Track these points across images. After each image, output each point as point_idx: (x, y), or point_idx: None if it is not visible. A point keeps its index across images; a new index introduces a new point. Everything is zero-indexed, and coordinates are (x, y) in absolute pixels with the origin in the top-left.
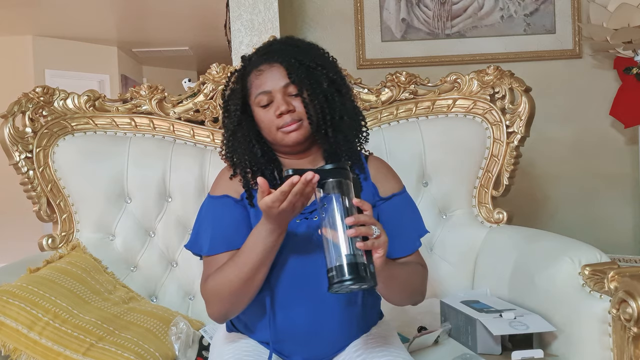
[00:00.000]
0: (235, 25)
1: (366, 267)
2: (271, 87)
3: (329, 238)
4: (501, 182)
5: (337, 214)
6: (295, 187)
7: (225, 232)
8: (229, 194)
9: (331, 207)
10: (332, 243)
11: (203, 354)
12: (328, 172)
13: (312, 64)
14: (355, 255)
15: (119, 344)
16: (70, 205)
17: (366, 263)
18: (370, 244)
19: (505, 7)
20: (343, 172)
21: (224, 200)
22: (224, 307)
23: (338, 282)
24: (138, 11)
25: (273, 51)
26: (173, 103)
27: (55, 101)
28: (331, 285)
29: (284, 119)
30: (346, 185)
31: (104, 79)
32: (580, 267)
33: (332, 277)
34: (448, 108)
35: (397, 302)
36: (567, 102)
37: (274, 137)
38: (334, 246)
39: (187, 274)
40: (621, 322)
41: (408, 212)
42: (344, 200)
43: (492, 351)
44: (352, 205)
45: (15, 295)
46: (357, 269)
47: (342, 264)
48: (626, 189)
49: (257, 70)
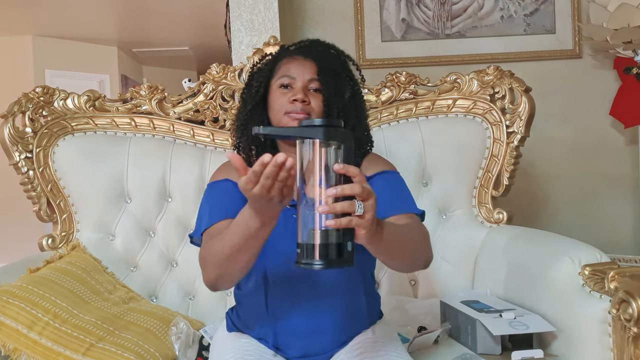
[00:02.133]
0: (235, 25)
1: (342, 247)
2: (297, 75)
3: (302, 204)
4: (501, 182)
5: (316, 174)
6: (267, 169)
7: (223, 204)
8: (229, 178)
9: (309, 164)
10: (305, 212)
11: (203, 354)
12: (316, 127)
13: (343, 73)
14: (329, 234)
15: (119, 344)
16: (70, 205)
17: (342, 242)
18: (346, 222)
19: (505, 7)
20: (336, 130)
21: (224, 183)
22: (211, 276)
23: (306, 263)
24: (138, 11)
25: (312, 48)
26: (173, 103)
27: (55, 101)
28: (298, 263)
29: (296, 105)
30: (335, 143)
31: (104, 79)
32: (580, 267)
33: (300, 255)
34: (448, 108)
35: (397, 268)
36: (567, 102)
37: (279, 121)
38: (306, 216)
39: (187, 274)
40: (621, 322)
41: (397, 187)
42: (326, 157)
43: (492, 351)
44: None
45: (15, 295)
46: (328, 252)
47: (313, 243)
48: (626, 189)
49: (291, 57)
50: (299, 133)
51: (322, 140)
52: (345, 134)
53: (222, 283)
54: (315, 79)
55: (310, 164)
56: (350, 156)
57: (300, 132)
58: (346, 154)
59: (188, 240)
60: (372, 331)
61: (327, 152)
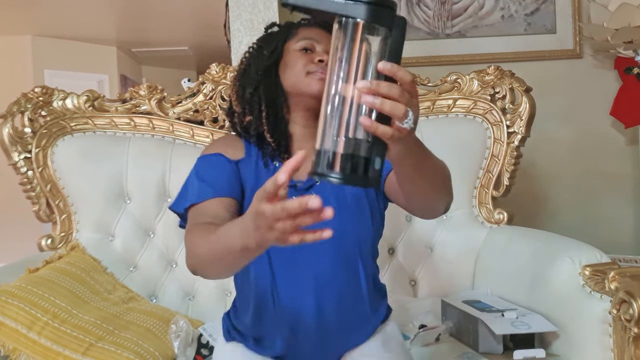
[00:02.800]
0: (234, 25)
1: (369, 162)
2: (320, 39)
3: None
4: (502, 183)
5: (352, 67)
6: (305, 218)
7: (215, 179)
8: (223, 154)
9: (345, 51)
10: (333, 111)
11: (202, 352)
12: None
13: None
14: (357, 143)
15: (118, 343)
16: (70, 206)
17: (370, 157)
18: (386, 133)
19: (505, 7)
20: (387, 12)
21: (216, 157)
22: (191, 265)
23: (321, 174)
24: (137, 11)
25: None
26: (172, 103)
27: (55, 101)
28: (313, 173)
29: (321, 66)
30: (384, 30)
31: (103, 79)
32: (580, 267)
33: (317, 164)
34: (448, 108)
35: (420, 199)
36: (567, 102)
37: (298, 81)
38: (332, 118)
39: (186, 274)
40: (622, 323)
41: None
42: (368, 46)
43: (494, 350)
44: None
45: (14, 295)
46: (351, 164)
47: (335, 151)
48: (627, 189)
49: (310, 27)
50: (338, 9)
51: (367, 21)
52: (399, 19)
53: (200, 275)
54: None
55: (347, 52)
56: (399, 51)
57: (341, 7)
58: (395, 47)
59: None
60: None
61: (370, 39)
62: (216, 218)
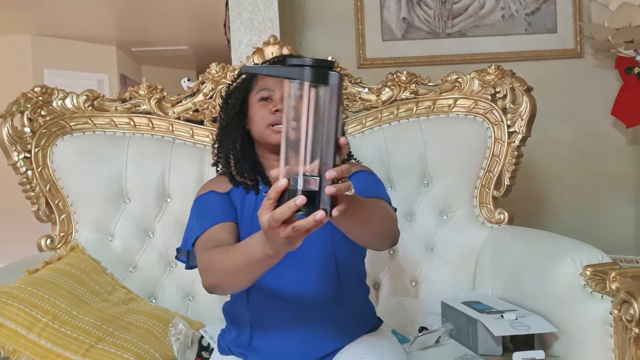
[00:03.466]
0: (234, 25)
1: (320, 196)
2: (275, 87)
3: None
4: (502, 182)
5: (303, 119)
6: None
7: (211, 211)
8: (214, 190)
9: (295, 105)
10: (289, 155)
11: (202, 354)
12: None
13: None
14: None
15: (118, 344)
16: (69, 206)
17: (321, 193)
18: (342, 188)
19: (506, 7)
20: (326, 72)
21: (209, 195)
22: (209, 283)
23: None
24: (137, 10)
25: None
26: (172, 103)
27: (54, 101)
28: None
29: (277, 116)
30: (325, 86)
31: (102, 78)
32: (581, 267)
33: (281, 200)
34: (449, 108)
35: (365, 239)
36: (568, 102)
37: (261, 134)
38: (289, 160)
39: (186, 275)
40: (623, 323)
41: (374, 180)
42: (315, 100)
43: (494, 352)
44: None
45: (14, 296)
46: (308, 201)
47: (295, 189)
48: (628, 189)
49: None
50: (286, 74)
51: (311, 82)
52: (335, 75)
53: (219, 292)
54: None
55: (297, 105)
56: (339, 98)
57: (289, 72)
58: (332, 99)
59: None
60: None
61: (316, 94)
62: (221, 242)
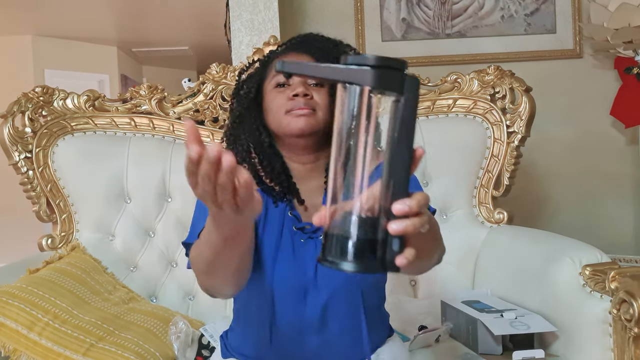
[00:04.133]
0: (235, 25)
1: (385, 245)
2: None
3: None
4: (502, 182)
5: (360, 138)
6: (201, 167)
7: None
8: None
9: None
10: (340, 187)
11: (202, 352)
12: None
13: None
14: (372, 222)
15: (119, 344)
16: (70, 206)
17: (386, 238)
18: (414, 226)
19: (505, 7)
20: (396, 74)
21: None
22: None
23: (333, 262)
24: (138, 11)
25: (305, 41)
26: (173, 103)
27: (55, 101)
28: (323, 260)
29: (297, 101)
30: (394, 94)
31: (103, 78)
32: (580, 267)
33: (327, 249)
34: (448, 108)
35: (422, 269)
36: (567, 102)
37: (279, 122)
38: (342, 194)
39: (186, 274)
40: (622, 323)
41: (415, 181)
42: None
43: (493, 351)
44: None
45: (14, 296)
46: (367, 250)
47: (346, 235)
48: (627, 189)
49: (284, 55)
50: (341, 76)
51: (374, 88)
52: (410, 81)
53: (214, 291)
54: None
55: (355, 120)
56: (412, 116)
57: (344, 74)
58: (407, 115)
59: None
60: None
61: (380, 98)
62: None
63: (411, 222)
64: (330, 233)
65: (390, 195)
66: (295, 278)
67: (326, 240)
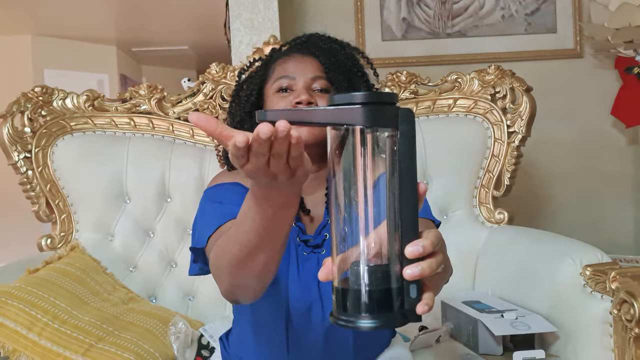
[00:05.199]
0: (234, 24)
1: (402, 293)
2: (296, 74)
3: (341, 223)
4: (502, 182)
5: (359, 180)
6: (253, 148)
7: (228, 203)
8: (238, 182)
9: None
10: (347, 236)
11: (202, 353)
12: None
13: (354, 67)
14: (384, 271)
15: (118, 344)
16: (69, 206)
17: (402, 286)
18: (431, 268)
19: (506, 7)
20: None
21: (223, 185)
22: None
23: (346, 320)
24: (137, 10)
25: (311, 42)
26: (172, 103)
27: (54, 101)
28: (337, 319)
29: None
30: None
31: (103, 78)
32: (581, 267)
33: (339, 306)
34: (449, 108)
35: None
36: (568, 102)
37: None
38: (347, 243)
39: (186, 275)
40: (622, 323)
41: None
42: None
43: (494, 351)
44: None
45: (14, 296)
46: (382, 303)
47: (357, 288)
48: (627, 189)
49: (287, 56)
50: (329, 118)
51: (366, 126)
52: (404, 113)
53: (240, 294)
54: (320, 76)
55: (348, 162)
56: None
57: (333, 115)
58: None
59: (187, 240)
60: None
61: (373, 142)
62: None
63: (427, 265)
64: (340, 288)
65: (400, 237)
66: (300, 294)
67: (336, 297)
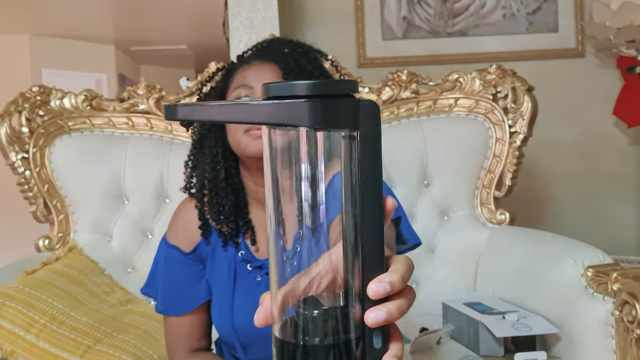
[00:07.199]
0: (233, 24)
1: (363, 344)
2: (254, 82)
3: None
4: (503, 183)
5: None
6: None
7: (178, 292)
8: (178, 246)
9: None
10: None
11: None
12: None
13: (315, 71)
14: (337, 315)
15: (116, 345)
16: (67, 206)
17: (363, 335)
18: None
19: (507, 6)
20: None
21: (174, 254)
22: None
23: None
24: (135, 9)
25: (270, 48)
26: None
27: (52, 101)
28: None
29: None
30: (345, 131)
31: (101, 78)
32: (583, 268)
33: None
34: (450, 107)
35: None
36: (569, 102)
37: (238, 142)
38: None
39: None
40: (624, 324)
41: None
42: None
43: (495, 353)
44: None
45: (11, 297)
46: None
47: (304, 342)
48: (629, 189)
49: (247, 64)
50: (262, 117)
51: (314, 127)
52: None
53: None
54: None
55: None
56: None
57: (266, 113)
58: (367, 150)
59: None
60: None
61: (324, 148)
62: (191, 338)
63: (396, 306)
64: (281, 339)
65: (361, 271)
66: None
67: (277, 352)
